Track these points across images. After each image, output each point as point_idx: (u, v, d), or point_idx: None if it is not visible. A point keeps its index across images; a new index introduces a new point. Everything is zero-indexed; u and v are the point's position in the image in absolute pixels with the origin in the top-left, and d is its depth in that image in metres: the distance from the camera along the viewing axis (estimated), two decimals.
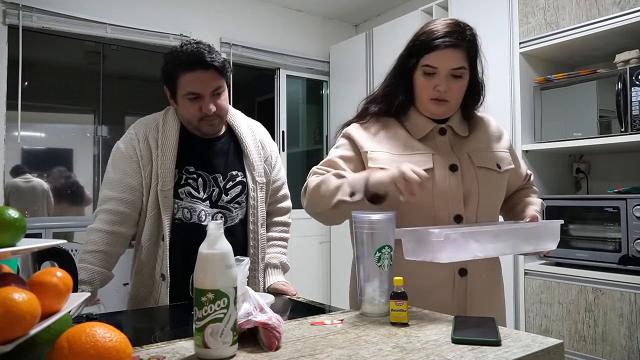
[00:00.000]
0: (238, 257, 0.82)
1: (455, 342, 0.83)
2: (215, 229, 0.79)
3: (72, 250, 1.52)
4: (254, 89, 4.39)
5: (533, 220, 1.26)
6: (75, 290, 0.80)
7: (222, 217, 1.47)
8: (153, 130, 1.46)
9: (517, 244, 1.14)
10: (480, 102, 1.34)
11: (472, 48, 1.24)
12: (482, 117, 1.37)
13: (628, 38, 2.14)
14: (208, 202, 1.47)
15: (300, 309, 1.31)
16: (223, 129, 1.55)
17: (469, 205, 1.22)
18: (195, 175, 1.47)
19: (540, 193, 1.49)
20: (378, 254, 1.01)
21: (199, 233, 1.16)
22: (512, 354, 0.76)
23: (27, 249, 0.67)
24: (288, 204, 1.72)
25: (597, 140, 2.11)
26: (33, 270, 0.94)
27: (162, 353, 0.80)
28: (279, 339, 0.81)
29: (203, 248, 0.78)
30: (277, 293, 1.47)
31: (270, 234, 1.65)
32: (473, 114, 1.34)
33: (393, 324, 0.95)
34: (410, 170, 1.04)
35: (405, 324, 0.95)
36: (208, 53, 1.39)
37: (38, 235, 2.79)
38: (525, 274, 2.30)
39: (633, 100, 1.98)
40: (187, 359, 0.77)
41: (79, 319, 1.02)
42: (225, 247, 0.78)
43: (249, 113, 1.69)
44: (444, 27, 1.21)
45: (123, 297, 2.07)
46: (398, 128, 1.29)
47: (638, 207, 1.93)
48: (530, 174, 1.48)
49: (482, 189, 1.24)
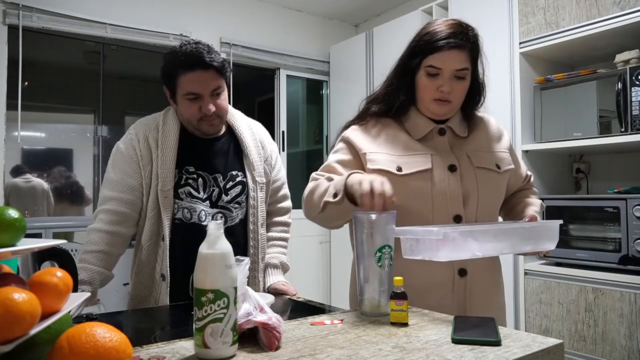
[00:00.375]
0: (238, 257, 0.82)
1: (455, 342, 0.83)
2: (215, 229, 0.79)
3: (72, 250, 1.53)
4: (254, 89, 4.39)
5: (532, 220, 1.26)
6: (75, 290, 0.80)
7: (222, 217, 1.47)
8: (153, 131, 1.46)
9: (516, 244, 1.14)
10: (481, 103, 1.33)
11: (474, 49, 1.24)
12: (482, 117, 1.37)
13: (628, 38, 2.14)
14: (208, 202, 1.47)
15: (300, 309, 1.31)
16: (223, 129, 1.55)
17: (468, 206, 1.22)
18: (195, 175, 1.47)
19: (540, 193, 1.49)
20: (378, 254, 1.01)
21: (199, 233, 1.16)
22: (512, 354, 0.76)
23: (27, 249, 0.67)
24: (288, 204, 1.72)
25: (597, 140, 2.11)
26: (33, 270, 0.94)
27: (162, 353, 0.80)
28: (279, 339, 0.81)
29: (203, 248, 0.78)
30: (277, 293, 1.47)
31: (270, 234, 1.65)
32: (473, 115, 1.34)
33: (393, 324, 0.95)
34: (379, 186, 1.02)
35: (405, 324, 0.95)
36: (207, 53, 1.40)
37: (38, 235, 2.79)
38: (525, 274, 2.30)
39: (633, 100, 1.98)
40: (187, 359, 0.77)
41: (79, 319, 1.02)
42: (225, 247, 0.78)
43: (249, 113, 1.69)
44: (448, 27, 1.21)
45: (123, 297, 2.07)
46: (398, 129, 1.29)
47: (638, 207, 1.93)
48: (531, 175, 1.47)
49: (481, 189, 1.24)
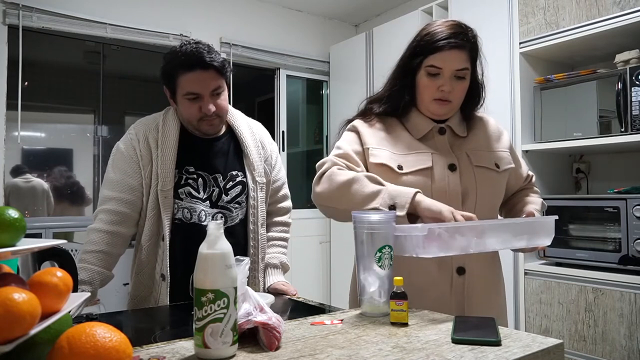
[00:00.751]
0: (238, 257, 0.82)
1: (455, 342, 0.83)
2: (215, 229, 0.79)
3: (72, 250, 1.53)
4: (254, 89, 4.39)
5: (529, 217, 1.26)
6: (75, 290, 0.80)
7: (222, 217, 1.47)
8: (153, 131, 1.46)
9: (507, 239, 1.13)
10: (481, 103, 1.34)
11: (474, 49, 1.25)
12: (481, 117, 1.37)
13: (628, 38, 2.14)
14: (208, 202, 1.47)
15: (300, 309, 1.31)
16: (223, 129, 1.55)
17: (467, 204, 1.23)
18: (195, 176, 1.47)
19: (540, 193, 1.49)
20: (378, 254, 1.01)
21: (199, 233, 1.16)
22: (512, 354, 0.76)
23: (27, 249, 0.67)
24: (288, 204, 1.72)
25: (597, 140, 2.11)
26: (33, 270, 0.94)
27: (162, 353, 0.80)
28: (279, 339, 0.81)
29: (203, 248, 0.78)
30: (277, 293, 1.47)
31: (270, 234, 1.65)
32: (472, 115, 1.34)
33: (393, 324, 0.95)
34: (463, 212, 1.08)
35: (405, 324, 0.95)
36: (207, 53, 1.40)
37: (38, 235, 2.79)
38: (525, 274, 2.30)
39: (633, 100, 1.98)
40: (187, 359, 0.77)
41: (79, 319, 1.02)
42: (225, 247, 0.78)
43: (249, 113, 1.68)
44: (448, 28, 1.22)
45: (123, 297, 2.07)
46: (400, 128, 1.30)
47: (638, 207, 1.93)
48: (532, 175, 1.47)
49: (480, 188, 1.24)
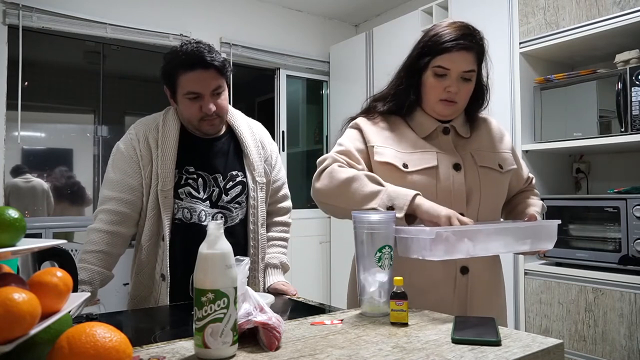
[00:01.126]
0: (238, 257, 0.82)
1: (455, 342, 0.83)
2: (215, 229, 0.79)
3: (72, 250, 1.53)
4: (254, 89, 4.39)
5: (531, 220, 1.26)
6: (75, 290, 0.80)
7: (222, 217, 1.47)
8: (153, 131, 1.46)
9: (511, 243, 1.14)
10: (485, 105, 1.34)
11: (481, 52, 1.26)
12: (484, 118, 1.38)
13: (628, 38, 2.13)
14: (208, 202, 1.47)
15: (300, 309, 1.31)
16: (223, 129, 1.55)
17: (471, 204, 1.23)
18: (195, 176, 1.47)
19: (540, 193, 1.49)
20: (378, 254, 1.01)
21: (199, 233, 1.16)
22: (512, 354, 0.76)
23: (27, 249, 0.67)
24: (288, 204, 1.72)
25: (597, 140, 2.11)
26: (33, 270, 0.94)
27: (162, 353, 0.80)
28: (279, 339, 0.81)
29: (203, 248, 0.78)
30: (277, 293, 1.47)
31: (271, 234, 1.65)
32: (476, 116, 1.35)
33: (393, 324, 0.95)
34: (463, 218, 1.08)
35: (405, 324, 0.95)
36: (208, 52, 1.40)
37: (38, 235, 2.79)
38: (525, 274, 2.30)
39: (633, 100, 1.98)
40: (187, 359, 0.77)
41: (79, 319, 1.02)
42: (225, 247, 0.78)
43: (249, 113, 1.68)
44: (457, 29, 1.22)
45: (123, 297, 2.07)
46: (404, 127, 1.30)
47: (638, 207, 1.93)
48: (532, 178, 1.47)
49: (483, 188, 1.24)
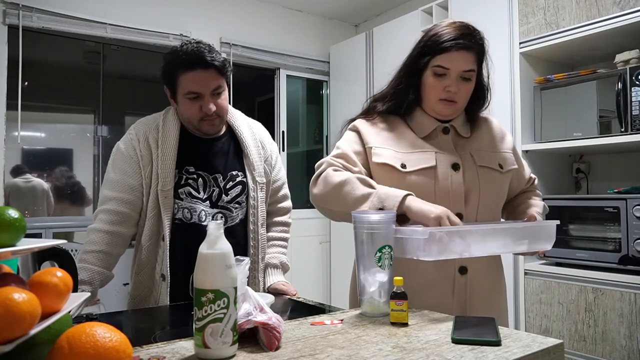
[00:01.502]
0: (238, 257, 0.82)
1: (455, 342, 0.83)
2: (215, 229, 0.79)
3: (72, 250, 1.53)
4: (254, 89, 4.39)
5: (530, 220, 1.26)
6: (75, 290, 0.80)
7: (222, 217, 1.47)
8: (153, 131, 1.46)
9: (507, 244, 1.14)
10: (486, 105, 1.34)
11: (481, 52, 1.26)
12: (485, 118, 1.38)
13: (628, 38, 2.13)
14: (208, 202, 1.47)
15: (300, 309, 1.31)
16: (223, 129, 1.55)
17: (470, 204, 1.23)
18: (195, 176, 1.47)
19: (540, 193, 1.49)
20: (378, 254, 1.01)
21: (199, 233, 1.16)
22: (512, 354, 0.76)
23: (27, 249, 0.67)
24: (288, 204, 1.72)
25: (597, 140, 2.11)
26: (33, 270, 0.94)
27: (162, 353, 0.80)
28: (279, 339, 0.81)
29: (203, 248, 0.78)
30: (277, 293, 1.47)
31: (271, 234, 1.65)
32: (476, 116, 1.35)
33: (393, 324, 0.95)
34: (453, 218, 1.07)
35: (405, 324, 0.95)
36: (208, 52, 1.40)
37: (38, 235, 2.79)
38: (525, 274, 2.30)
39: (633, 100, 1.98)
40: (187, 359, 0.77)
41: (79, 319, 1.02)
42: (225, 247, 0.78)
43: (249, 113, 1.68)
44: (456, 29, 1.22)
45: (123, 297, 2.07)
46: (403, 126, 1.30)
47: (638, 207, 1.93)
48: (535, 178, 1.47)
49: (482, 188, 1.24)
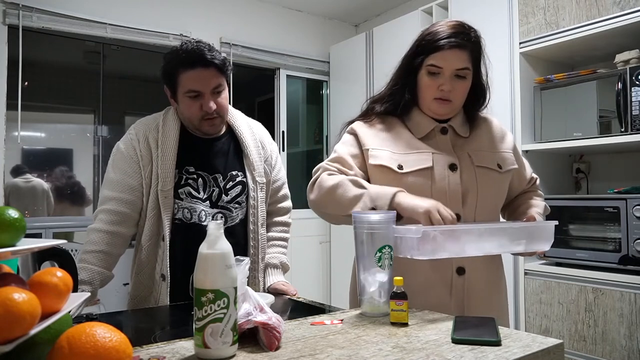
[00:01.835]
0: (238, 257, 0.82)
1: (455, 342, 0.83)
2: (215, 229, 0.79)
3: (72, 250, 1.53)
4: (254, 89, 4.39)
5: (529, 221, 1.26)
6: (75, 290, 0.80)
7: (222, 217, 1.47)
8: (153, 131, 1.46)
9: (504, 244, 1.14)
10: (485, 104, 1.34)
11: (476, 50, 1.25)
12: (485, 117, 1.37)
13: (628, 38, 2.13)
14: (208, 202, 1.47)
15: (300, 309, 1.31)
16: (223, 129, 1.55)
17: (467, 205, 1.23)
18: (195, 176, 1.47)
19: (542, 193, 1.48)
20: (378, 254, 1.01)
21: (199, 233, 1.16)
22: (512, 354, 0.76)
23: (27, 249, 0.67)
24: (288, 204, 1.72)
25: (597, 140, 2.11)
26: (33, 270, 0.94)
27: (162, 353, 0.80)
28: (279, 339, 0.81)
29: (203, 248, 0.78)
30: (277, 293, 1.47)
31: (271, 234, 1.65)
32: (476, 116, 1.34)
33: (393, 324, 0.95)
34: (443, 211, 1.07)
35: (405, 324, 0.95)
36: (208, 51, 1.40)
37: (38, 235, 2.79)
38: (525, 274, 2.30)
39: (633, 100, 1.98)
40: (187, 359, 0.77)
41: (79, 319, 1.02)
42: (225, 247, 0.78)
43: (249, 113, 1.68)
44: (449, 28, 1.22)
45: (123, 297, 2.07)
46: (401, 127, 1.30)
47: (638, 207, 1.93)
48: (536, 178, 1.47)
49: (480, 189, 1.24)
